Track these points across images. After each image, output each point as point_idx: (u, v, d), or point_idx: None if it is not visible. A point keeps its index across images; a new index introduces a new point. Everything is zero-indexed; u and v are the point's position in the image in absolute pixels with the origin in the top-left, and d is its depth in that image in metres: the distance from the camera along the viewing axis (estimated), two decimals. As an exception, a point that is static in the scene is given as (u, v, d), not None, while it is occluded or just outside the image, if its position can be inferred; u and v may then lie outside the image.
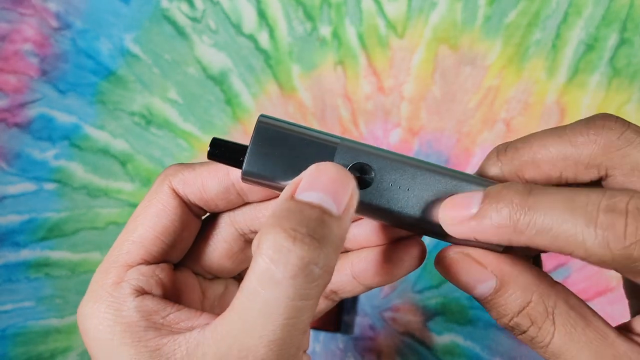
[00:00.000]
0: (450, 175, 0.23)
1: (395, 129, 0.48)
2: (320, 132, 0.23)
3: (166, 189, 0.25)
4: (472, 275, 0.22)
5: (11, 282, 0.47)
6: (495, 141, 0.47)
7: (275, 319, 0.19)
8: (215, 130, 0.49)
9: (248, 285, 0.20)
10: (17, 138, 0.48)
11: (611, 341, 0.21)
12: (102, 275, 0.24)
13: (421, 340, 0.47)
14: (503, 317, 0.22)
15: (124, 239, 0.25)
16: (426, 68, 0.48)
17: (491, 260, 0.22)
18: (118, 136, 0.48)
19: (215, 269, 0.27)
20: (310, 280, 0.19)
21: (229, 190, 0.25)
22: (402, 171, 0.23)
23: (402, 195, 0.23)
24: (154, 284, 0.24)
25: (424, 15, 0.48)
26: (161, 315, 0.23)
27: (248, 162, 0.22)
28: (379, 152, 0.23)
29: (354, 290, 0.26)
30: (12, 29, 0.49)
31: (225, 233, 0.27)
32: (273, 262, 0.19)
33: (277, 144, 0.22)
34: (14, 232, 0.47)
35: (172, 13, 0.49)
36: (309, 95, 0.49)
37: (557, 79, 0.47)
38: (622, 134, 0.21)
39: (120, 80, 0.49)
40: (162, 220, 0.24)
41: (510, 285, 0.22)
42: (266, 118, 0.23)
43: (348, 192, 0.20)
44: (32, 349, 0.47)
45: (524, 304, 0.21)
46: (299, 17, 0.49)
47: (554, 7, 0.47)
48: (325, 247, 0.19)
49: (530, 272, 0.22)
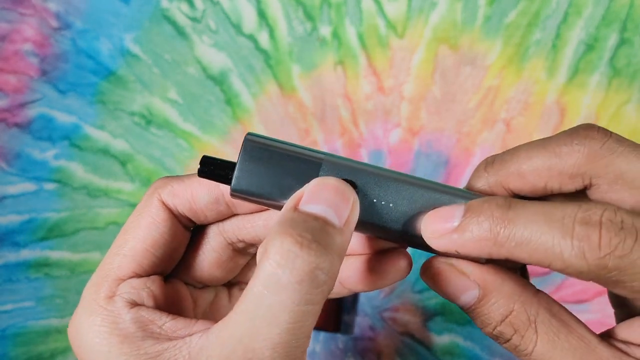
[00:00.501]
0: (434, 188, 0.23)
1: (395, 129, 0.48)
2: (306, 148, 0.24)
3: (155, 201, 0.25)
4: (456, 284, 0.23)
5: (11, 282, 0.47)
6: (495, 141, 0.47)
7: (280, 323, 0.20)
8: (215, 131, 0.49)
9: (253, 289, 0.20)
10: (17, 138, 0.48)
11: (593, 347, 0.21)
12: (94, 289, 0.24)
13: (421, 341, 0.47)
14: (487, 325, 0.22)
15: (114, 253, 0.25)
16: (426, 68, 0.48)
17: (474, 270, 0.23)
18: (118, 136, 0.48)
19: (205, 278, 0.28)
20: (315, 286, 0.20)
21: (218, 201, 0.25)
22: (386, 186, 0.23)
23: (386, 210, 0.23)
24: (145, 297, 0.24)
25: (424, 15, 0.48)
26: (157, 324, 0.23)
27: (236, 179, 0.23)
28: (363, 168, 0.23)
29: (340, 292, 0.27)
30: (12, 29, 0.49)
31: (214, 243, 0.27)
32: (280, 266, 0.19)
33: (264, 161, 0.23)
34: (14, 232, 0.47)
35: (172, 13, 0.49)
36: (309, 95, 0.49)
37: (557, 79, 0.47)
38: (604, 143, 0.22)
39: (120, 80, 0.49)
40: (152, 233, 0.25)
41: (493, 294, 0.22)
42: (253, 136, 0.23)
43: (349, 205, 0.21)
44: (32, 349, 0.47)
45: (507, 313, 0.22)
46: (299, 17, 0.49)
47: (554, 7, 0.47)
48: (330, 254, 0.20)
49: (513, 281, 0.22)
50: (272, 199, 0.23)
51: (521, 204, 0.21)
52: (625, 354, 0.21)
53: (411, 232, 0.23)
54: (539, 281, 0.45)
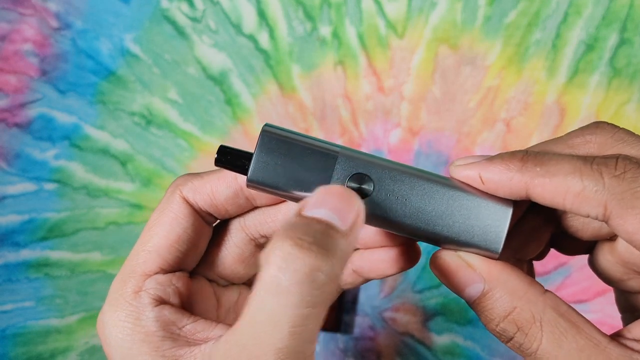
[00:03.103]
0: (448, 185, 0.23)
1: (395, 129, 0.48)
2: (322, 141, 0.24)
3: (177, 198, 0.25)
4: (462, 277, 0.23)
5: (11, 282, 0.47)
6: (495, 141, 0.47)
7: (282, 327, 0.19)
8: (215, 131, 0.49)
9: (256, 294, 0.20)
10: (17, 138, 0.48)
11: (603, 347, 0.21)
12: (121, 284, 0.25)
13: (421, 341, 0.47)
14: (490, 321, 0.23)
15: (139, 249, 0.25)
16: (426, 68, 0.48)
17: (481, 264, 0.23)
18: (118, 136, 0.48)
19: (228, 275, 0.28)
20: (315, 287, 0.19)
21: (237, 194, 0.26)
22: (401, 181, 0.23)
23: (400, 205, 0.23)
24: (171, 293, 0.25)
25: (424, 15, 0.48)
26: (178, 326, 0.24)
27: (253, 169, 0.23)
28: (378, 162, 0.24)
29: (355, 282, 0.27)
30: (12, 29, 0.49)
31: (236, 238, 0.27)
32: (280, 270, 0.19)
33: (281, 152, 0.23)
34: (14, 232, 0.47)
35: (172, 13, 0.49)
36: (309, 95, 0.49)
37: (557, 79, 0.47)
38: (614, 133, 0.23)
39: (120, 80, 0.49)
40: (176, 229, 0.25)
41: (498, 289, 0.22)
42: (271, 127, 0.24)
43: (354, 210, 0.21)
44: (32, 349, 0.47)
45: (510, 309, 0.22)
46: (299, 17, 0.49)
47: (554, 7, 0.47)
48: (330, 256, 0.20)
49: (520, 278, 0.23)
50: (287, 190, 0.23)
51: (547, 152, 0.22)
52: (637, 352, 0.21)
53: (424, 228, 0.23)
54: (539, 281, 0.45)
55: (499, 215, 0.23)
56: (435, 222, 0.23)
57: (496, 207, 0.23)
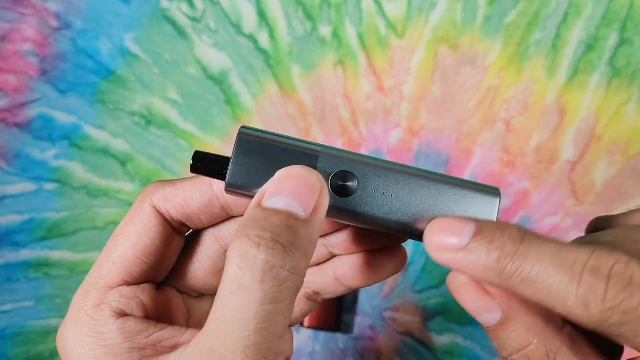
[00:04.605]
0: (433, 179, 0.23)
1: (395, 129, 0.48)
2: (302, 141, 0.23)
3: (147, 207, 0.24)
4: (480, 302, 0.22)
5: (11, 282, 0.47)
6: (495, 141, 0.47)
7: (247, 325, 0.19)
8: (215, 130, 0.49)
9: (220, 295, 0.20)
10: (17, 138, 0.48)
11: None
12: (83, 297, 0.24)
13: (421, 341, 0.47)
14: (503, 350, 0.22)
15: (104, 260, 0.24)
16: (426, 68, 0.48)
17: (502, 293, 0.22)
18: (118, 136, 0.48)
19: (200, 287, 0.27)
20: (278, 284, 0.19)
21: (212, 203, 0.24)
22: (386, 177, 0.23)
23: (386, 201, 0.23)
24: (134, 306, 0.24)
25: (424, 15, 0.48)
26: (144, 335, 0.23)
27: (231, 173, 0.22)
28: (361, 159, 0.23)
29: (336, 291, 0.26)
30: (12, 29, 0.49)
31: (209, 250, 0.26)
32: (241, 269, 0.19)
33: (260, 154, 0.22)
34: (14, 232, 0.47)
35: (172, 13, 0.49)
36: (309, 95, 0.48)
37: (557, 79, 0.47)
38: None
39: (120, 80, 0.49)
40: (143, 240, 0.24)
41: (515, 322, 0.21)
42: (247, 129, 0.23)
43: (315, 193, 0.20)
44: (32, 349, 0.47)
45: (525, 344, 0.21)
46: (299, 17, 0.49)
47: (554, 7, 0.47)
48: (292, 250, 0.19)
49: (539, 312, 0.22)
50: None
51: (535, 238, 0.20)
52: None
53: (411, 224, 0.23)
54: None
55: (487, 206, 0.23)
56: (423, 216, 0.23)
57: (484, 198, 0.23)
